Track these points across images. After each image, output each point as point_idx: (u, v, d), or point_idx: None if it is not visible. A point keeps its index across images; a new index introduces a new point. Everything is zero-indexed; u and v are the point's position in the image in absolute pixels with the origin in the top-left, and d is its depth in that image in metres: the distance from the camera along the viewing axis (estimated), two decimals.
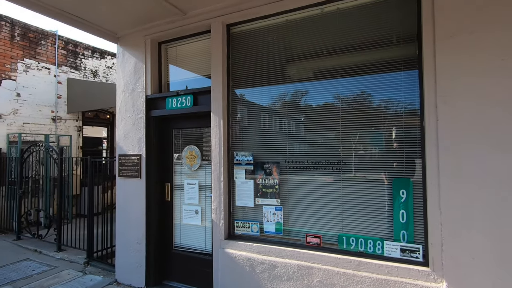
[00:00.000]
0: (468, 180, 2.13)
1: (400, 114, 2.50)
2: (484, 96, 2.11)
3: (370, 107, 2.62)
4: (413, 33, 2.45)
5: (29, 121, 6.92)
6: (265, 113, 3.11)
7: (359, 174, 2.64)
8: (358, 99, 2.67)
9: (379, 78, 2.59)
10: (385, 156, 2.55)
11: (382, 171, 2.55)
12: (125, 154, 3.82)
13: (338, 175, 2.71)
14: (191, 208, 3.61)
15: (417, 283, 2.26)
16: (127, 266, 3.75)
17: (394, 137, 2.52)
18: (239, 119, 3.23)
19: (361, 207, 2.61)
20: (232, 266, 3.00)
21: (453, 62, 2.19)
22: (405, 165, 2.46)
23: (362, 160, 2.63)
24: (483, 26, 2.12)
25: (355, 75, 2.68)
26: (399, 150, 2.49)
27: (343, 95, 2.72)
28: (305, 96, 2.92)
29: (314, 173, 2.81)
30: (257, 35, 3.15)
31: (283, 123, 3.02)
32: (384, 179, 2.53)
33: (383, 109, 2.57)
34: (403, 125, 2.48)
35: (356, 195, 2.63)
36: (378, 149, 2.58)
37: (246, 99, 3.22)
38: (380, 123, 2.57)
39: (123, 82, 3.90)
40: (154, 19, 3.50)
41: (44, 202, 6.30)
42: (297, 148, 2.93)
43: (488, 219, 2.08)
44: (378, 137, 2.59)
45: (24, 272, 4.18)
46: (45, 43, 7.37)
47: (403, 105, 2.50)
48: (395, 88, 2.53)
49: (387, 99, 2.56)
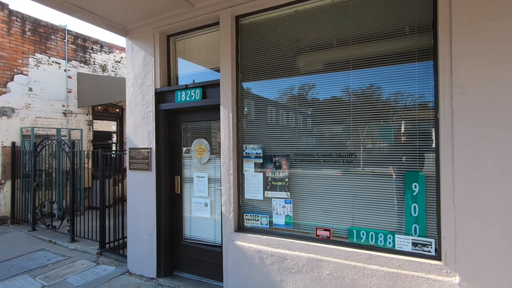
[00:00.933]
0: (484, 174, 2.08)
1: (413, 106, 2.44)
2: (504, 87, 2.03)
3: (381, 100, 2.57)
4: (428, 22, 2.38)
5: (41, 115, 7.04)
6: (274, 106, 3.09)
7: (370, 167, 2.60)
8: (370, 91, 2.62)
9: (392, 69, 2.53)
10: (396, 149, 2.50)
11: (393, 165, 2.51)
12: (135, 148, 3.86)
13: (348, 168, 2.68)
14: (200, 200, 3.64)
15: (429, 276, 2.23)
16: (138, 257, 3.83)
17: (407, 130, 2.47)
18: (248, 112, 3.21)
19: (372, 201, 2.58)
20: (241, 258, 3.03)
21: (470, 52, 2.12)
22: (418, 158, 2.42)
23: (373, 154, 2.60)
24: (505, 13, 2.03)
25: (367, 67, 2.62)
26: (411, 143, 2.44)
27: (354, 88, 2.67)
28: (315, 89, 2.87)
29: (324, 166, 2.79)
30: (266, 27, 3.10)
31: (292, 116, 2.99)
32: (396, 172, 2.49)
33: (395, 101, 2.52)
34: (416, 117, 2.43)
35: (366, 189, 2.60)
36: (390, 142, 2.54)
37: (255, 92, 3.19)
38: (392, 115, 2.52)
39: (133, 75, 3.92)
40: (163, 11, 3.48)
41: (57, 195, 6.45)
42: (306, 141, 2.90)
43: (504, 213, 2.03)
44: (389, 130, 2.54)
45: (40, 262, 4.31)
46: (55, 38, 7.44)
47: (416, 97, 2.44)
48: (408, 80, 2.46)
49: (400, 91, 2.50)
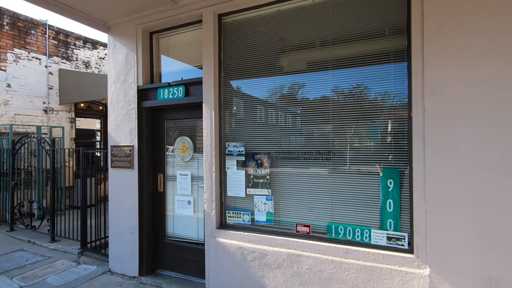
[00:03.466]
0: (453, 170, 2.18)
1: (389, 106, 2.53)
2: (471, 87, 2.14)
3: (360, 99, 2.64)
4: (402, 25, 2.47)
5: (20, 112, 6.83)
6: (256, 104, 3.12)
7: (349, 164, 2.68)
8: (349, 90, 2.69)
9: (370, 70, 2.61)
10: (374, 146, 2.59)
11: (371, 162, 2.59)
12: (117, 145, 3.82)
13: (328, 166, 2.74)
14: (183, 198, 3.64)
15: (402, 269, 2.33)
16: (120, 256, 3.79)
17: (383, 129, 2.55)
18: (231, 110, 3.23)
19: (350, 197, 2.66)
20: (223, 255, 3.05)
21: (441, 53, 2.21)
22: (393, 156, 2.51)
23: (352, 151, 2.67)
24: (472, 16, 2.14)
25: (346, 67, 2.69)
26: (387, 141, 2.53)
27: (334, 87, 2.74)
28: (296, 88, 2.93)
29: (304, 163, 2.85)
30: (249, 26, 3.13)
31: (274, 114, 3.03)
32: (373, 169, 2.58)
33: (373, 100, 2.60)
34: (392, 116, 2.52)
35: (345, 185, 2.68)
36: (368, 140, 2.62)
37: (238, 90, 3.22)
38: (370, 114, 2.60)
39: (114, 72, 3.87)
40: (145, 8, 3.45)
41: (37, 194, 6.28)
42: (288, 139, 2.95)
43: (470, 207, 2.13)
44: (368, 128, 2.63)
45: (17, 262, 4.20)
46: (35, 33, 7.22)
47: (392, 97, 2.53)
48: (385, 80, 2.55)
49: (377, 91, 2.59)
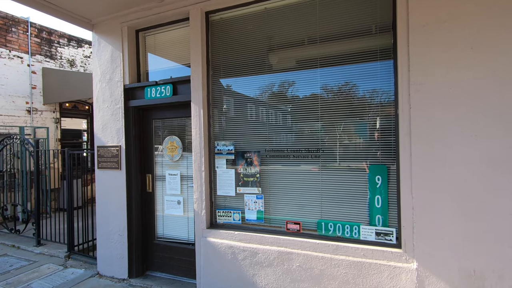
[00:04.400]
0: (438, 166, 2.23)
1: (377, 103, 2.56)
2: (455, 84, 2.18)
3: (348, 97, 2.66)
4: (388, 23, 2.49)
5: (1, 113, 6.59)
6: (245, 103, 3.11)
7: (338, 162, 2.70)
8: (336, 88, 2.71)
9: (357, 68, 2.63)
10: (362, 144, 2.61)
11: (359, 159, 2.62)
12: (104, 146, 3.73)
13: (317, 163, 2.76)
14: (173, 198, 3.59)
15: (390, 264, 2.37)
16: (109, 258, 3.72)
17: (371, 126, 2.58)
18: (220, 109, 3.21)
19: (340, 194, 2.68)
20: (214, 254, 3.03)
21: (426, 51, 2.25)
22: (380, 152, 2.54)
23: (341, 148, 2.69)
24: (454, 15, 2.18)
25: (334, 65, 2.70)
26: (376, 138, 2.56)
27: (322, 85, 2.75)
28: (285, 86, 2.93)
29: (294, 161, 2.86)
30: (237, 24, 3.11)
31: (263, 113, 3.03)
32: (361, 166, 2.60)
33: (361, 98, 2.62)
34: (379, 114, 2.55)
35: (334, 182, 2.70)
36: (356, 137, 2.65)
37: (227, 89, 3.19)
38: (358, 112, 2.62)
39: (100, 71, 3.78)
40: (130, 5, 3.38)
41: (21, 197, 6.09)
42: (277, 137, 2.95)
43: (456, 202, 2.18)
44: (356, 125, 2.65)
45: (1, 268, 4.07)
46: (16, 31, 6.97)
47: (379, 95, 2.56)
48: (372, 78, 2.58)
49: (365, 89, 2.61)
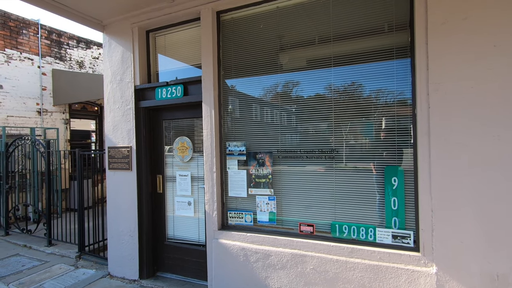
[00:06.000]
0: (458, 166, 2.16)
1: (392, 103, 2.50)
2: (476, 82, 2.12)
3: (362, 96, 2.61)
4: (405, 21, 2.44)
5: (13, 114, 6.68)
6: (257, 103, 3.07)
7: (351, 163, 2.65)
8: (351, 88, 2.66)
9: (372, 67, 2.58)
10: (377, 144, 2.56)
11: (374, 160, 2.56)
12: (115, 146, 3.74)
13: (330, 164, 2.71)
14: (183, 199, 3.58)
15: (408, 267, 2.31)
16: (120, 259, 3.72)
17: (386, 126, 2.52)
18: (231, 109, 3.18)
19: (353, 196, 2.63)
20: (226, 256, 3.01)
21: (445, 49, 2.19)
22: (397, 153, 2.48)
23: (354, 149, 2.64)
24: (476, 12, 2.12)
25: (348, 64, 2.65)
26: (391, 139, 2.50)
27: (336, 84, 2.70)
28: (298, 86, 2.89)
29: (306, 162, 2.81)
30: (248, 23, 3.08)
31: (275, 113, 2.99)
32: (376, 167, 2.55)
33: (375, 98, 2.57)
34: (395, 113, 2.49)
35: (348, 184, 2.65)
36: (370, 138, 2.59)
37: (238, 89, 3.17)
38: (372, 112, 2.57)
39: (111, 72, 3.78)
40: (141, 6, 3.37)
41: (32, 197, 6.16)
42: (289, 138, 2.91)
43: (477, 204, 2.12)
44: (370, 126, 2.59)
45: (14, 268, 4.11)
46: (27, 33, 7.06)
47: (395, 94, 2.50)
48: (388, 77, 2.52)
49: (380, 88, 2.56)
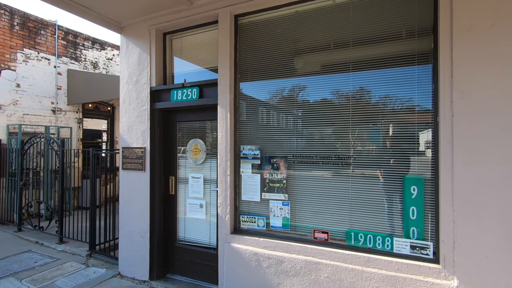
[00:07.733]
0: (483, 177, 2.09)
1: (412, 110, 2.45)
2: (503, 91, 2.06)
3: (381, 103, 2.56)
4: (428, 26, 2.39)
5: (29, 112, 6.82)
6: (272, 107, 3.05)
7: (369, 170, 2.60)
8: (369, 94, 2.61)
9: (391, 72, 2.53)
10: (395, 152, 2.50)
11: (392, 167, 2.51)
12: (129, 147, 3.76)
13: (347, 171, 2.67)
14: (195, 202, 3.57)
15: (428, 280, 2.24)
16: (130, 259, 3.73)
17: (406, 133, 2.47)
18: (246, 113, 3.17)
19: (370, 203, 2.57)
20: (237, 260, 2.98)
21: (471, 56, 2.13)
22: (416, 161, 2.42)
23: (372, 156, 2.59)
24: (505, 19, 2.06)
25: (367, 69, 2.62)
26: (410, 146, 2.45)
27: (354, 90, 2.66)
28: (314, 90, 2.86)
29: (322, 168, 2.77)
30: (266, 27, 3.07)
31: (291, 117, 2.96)
32: (395, 175, 2.49)
33: (395, 104, 2.52)
34: (415, 121, 2.43)
35: (365, 191, 2.60)
36: (389, 145, 2.54)
37: (254, 93, 3.15)
38: (390, 118, 2.52)
39: (127, 73, 3.82)
40: (160, 8, 3.41)
41: (45, 194, 6.25)
42: (305, 143, 2.88)
43: (503, 216, 2.04)
44: (389, 132, 2.54)
45: (26, 264, 4.16)
46: (45, 33, 7.22)
47: (415, 101, 2.44)
48: (408, 83, 2.47)
49: (399, 95, 2.51)
